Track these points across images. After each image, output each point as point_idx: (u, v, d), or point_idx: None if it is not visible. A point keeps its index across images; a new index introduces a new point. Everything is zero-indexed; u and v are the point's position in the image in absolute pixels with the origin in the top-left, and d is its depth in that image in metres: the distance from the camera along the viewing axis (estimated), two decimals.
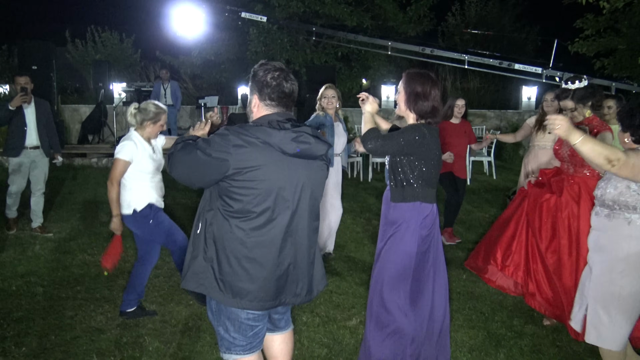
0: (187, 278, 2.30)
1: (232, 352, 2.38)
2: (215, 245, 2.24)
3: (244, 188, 2.16)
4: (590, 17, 10.44)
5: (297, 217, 2.29)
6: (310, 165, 2.31)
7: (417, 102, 2.92)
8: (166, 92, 11.62)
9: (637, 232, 2.79)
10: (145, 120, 3.78)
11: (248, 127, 2.19)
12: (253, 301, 2.24)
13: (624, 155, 2.65)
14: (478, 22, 17.51)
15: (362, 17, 14.36)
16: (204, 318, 4.05)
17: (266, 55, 13.10)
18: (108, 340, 3.68)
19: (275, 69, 2.29)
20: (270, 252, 2.24)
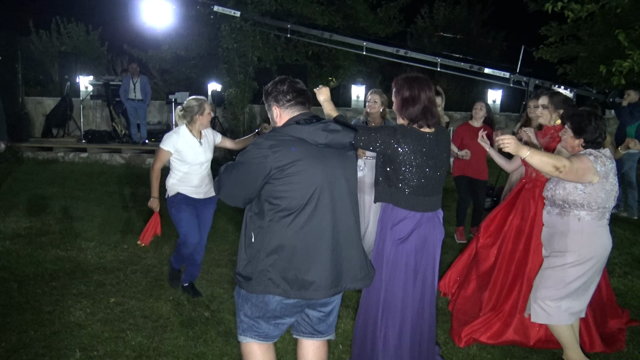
0: (253, 284, 2.41)
1: (246, 335, 2.53)
2: (271, 247, 2.37)
3: (288, 184, 2.33)
4: (555, 25, 10.84)
5: (340, 203, 2.45)
6: (343, 155, 2.51)
7: (407, 108, 2.89)
8: (135, 86, 11.47)
9: (587, 227, 3.11)
10: (194, 115, 4.11)
11: (279, 129, 2.43)
12: (317, 290, 2.38)
13: (569, 162, 2.95)
14: (446, 26, 17.89)
15: (333, 17, 14.47)
16: (185, 313, 4.09)
17: (238, 52, 13.05)
18: (89, 335, 3.68)
19: (280, 79, 2.55)
20: (323, 240, 2.39)
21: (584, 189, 3.04)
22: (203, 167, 4.23)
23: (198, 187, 4.22)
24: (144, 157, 10.96)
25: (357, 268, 2.52)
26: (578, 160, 3.00)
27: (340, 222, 2.46)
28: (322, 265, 2.39)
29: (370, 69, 16.96)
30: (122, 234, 6.14)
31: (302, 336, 2.67)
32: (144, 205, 7.57)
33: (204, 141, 4.24)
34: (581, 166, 2.97)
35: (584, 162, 2.98)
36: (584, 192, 3.05)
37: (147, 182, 9.25)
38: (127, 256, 5.40)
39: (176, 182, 4.18)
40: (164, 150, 4.12)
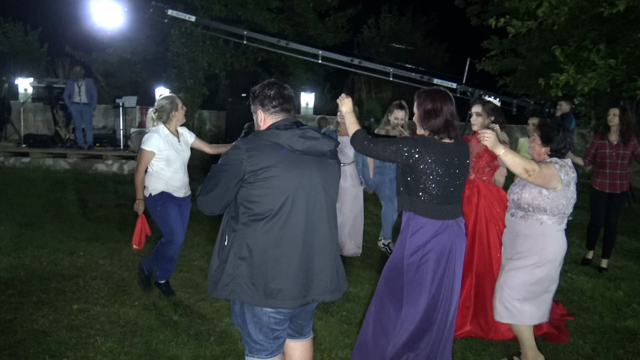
0: (219, 288, 2.40)
1: (253, 355, 2.50)
2: (242, 250, 2.36)
3: (261, 188, 2.32)
4: (496, 40, 11.45)
5: (315, 212, 2.43)
6: (322, 163, 2.48)
7: (429, 120, 2.94)
8: (80, 89, 11.12)
9: (548, 230, 3.34)
10: (169, 112, 4.21)
11: (257, 133, 2.43)
12: (285, 299, 2.36)
13: (539, 167, 3.20)
14: (392, 36, 18.41)
15: (283, 25, 14.64)
16: (153, 318, 4.09)
17: (187, 57, 12.96)
18: (56, 342, 3.62)
19: (269, 82, 2.53)
20: (295, 248, 2.38)
21: (548, 195, 3.28)
22: (183, 166, 4.32)
23: (179, 186, 4.30)
24: (91, 162, 10.67)
25: (328, 280, 2.48)
26: (546, 166, 3.24)
27: (314, 231, 2.43)
28: (291, 274, 2.36)
29: (318, 77, 17.19)
30: (76, 240, 6.00)
31: (288, 338, 2.67)
32: (96, 211, 7.43)
33: (182, 139, 4.33)
34: (549, 172, 3.22)
35: (551, 169, 3.24)
36: (548, 197, 3.28)
37: (96, 188, 9.15)
38: (84, 263, 5.29)
39: (159, 181, 4.21)
40: (147, 150, 4.14)
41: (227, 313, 4.24)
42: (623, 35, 8.28)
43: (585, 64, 8.12)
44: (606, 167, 5.72)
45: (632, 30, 8.00)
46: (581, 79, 7.75)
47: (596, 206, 5.90)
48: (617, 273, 5.81)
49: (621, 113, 5.70)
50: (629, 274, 5.78)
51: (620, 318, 4.55)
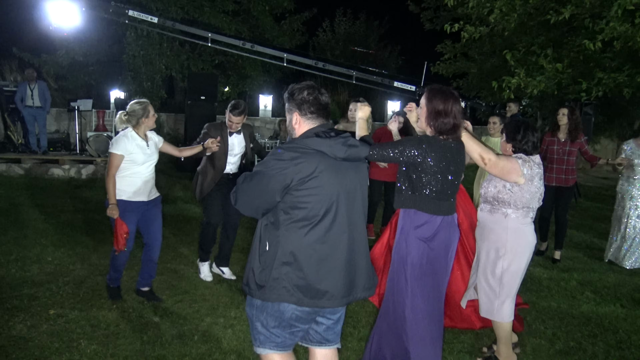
0: (266, 292, 2.42)
1: (265, 347, 2.53)
2: (286, 256, 2.40)
3: (308, 195, 2.36)
4: (449, 44, 11.90)
5: (354, 214, 2.52)
6: (358, 167, 2.58)
7: (438, 119, 2.98)
8: (33, 92, 10.80)
9: (512, 223, 3.50)
10: (140, 118, 4.21)
11: (299, 141, 2.43)
12: (330, 299, 2.43)
13: (495, 157, 3.33)
14: (347, 39, 18.75)
15: (239, 28, 14.66)
16: (134, 320, 4.12)
17: (144, 60, 12.79)
18: (38, 347, 3.61)
19: (308, 86, 2.51)
20: (338, 250, 2.44)
21: (511, 189, 3.46)
22: (150, 169, 4.33)
23: (142, 188, 4.27)
24: (47, 167, 10.38)
25: (367, 277, 2.59)
26: (506, 159, 3.39)
27: (354, 232, 2.51)
28: (337, 276, 2.44)
29: (276, 80, 17.29)
30: (42, 246, 5.90)
31: (311, 345, 2.70)
32: (58, 216, 7.29)
33: (150, 143, 4.33)
34: (507, 165, 3.36)
35: (510, 163, 3.38)
36: (511, 191, 3.46)
37: (55, 193, 8.93)
38: (54, 268, 5.23)
39: (125, 186, 4.20)
40: (117, 154, 4.13)
41: (207, 313, 4.32)
42: (568, 40, 8.81)
43: (534, 67, 8.60)
44: (554, 162, 6.14)
45: (576, 36, 8.52)
46: (531, 82, 8.19)
47: (544, 200, 6.31)
48: (570, 264, 6.21)
49: (570, 113, 6.12)
50: (581, 264, 6.20)
51: (575, 305, 4.91)
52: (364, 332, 4.09)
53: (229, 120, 4.93)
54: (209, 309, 4.40)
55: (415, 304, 3.08)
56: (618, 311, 4.80)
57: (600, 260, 6.39)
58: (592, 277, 5.73)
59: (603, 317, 4.63)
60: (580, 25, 8.20)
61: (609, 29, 7.24)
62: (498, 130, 6.15)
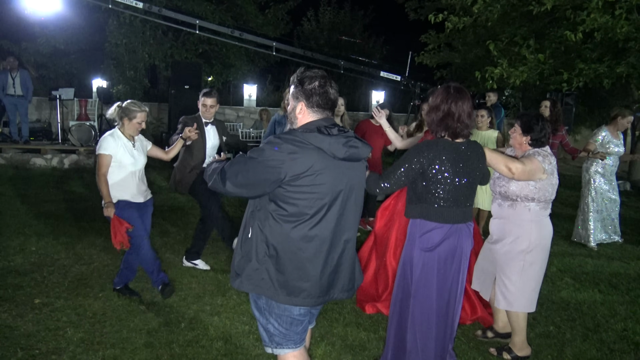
0: (243, 281, 2.40)
1: (284, 347, 2.50)
2: (268, 247, 2.35)
3: (300, 192, 2.28)
4: (433, 34, 11.95)
5: (345, 215, 2.44)
6: (355, 167, 2.46)
7: (447, 123, 2.89)
8: (15, 81, 10.63)
9: (536, 216, 3.47)
10: (123, 117, 4.11)
11: (299, 134, 2.31)
12: (307, 298, 2.39)
13: (521, 164, 3.28)
14: (331, 29, 18.70)
15: (223, 16, 14.55)
16: (120, 308, 4.13)
17: (127, 48, 12.66)
18: (24, 335, 3.61)
19: (320, 76, 2.42)
20: (322, 251, 2.38)
21: (535, 185, 3.40)
22: (140, 171, 4.23)
23: (137, 191, 4.20)
24: (29, 156, 10.27)
25: (347, 280, 2.54)
26: (530, 162, 3.33)
27: (342, 234, 2.45)
28: (316, 275, 2.39)
29: (260, 69, 17.23)
30: (25, 236, 5.85)
31: None
32: (41, 206, 7.23)
33: (137, 145, 4.23)
34: (533, 167, 3.32)
35: (534, 164, 3.33)
36: (535, 187, 3.41)
37: (37, 183, 8.83)
38: (38, 258, 5.20)
39: (115, 190, 4.07)
40: (104, 154, 4.02)
41: (193, 301, 4.35)
42: (550, 31, 8.92)
43: (517, 58, 8.69)
44: None
45: (557, 27, 8.63)
46: (513, 72, 8.29)
47: None
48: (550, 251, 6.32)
49: (552, 105, 6.23)
50: (560, 252, 6.33)
51: (554, 290, 5.02)
52: (349, 318, 4.15)
53: (202, 105, 4.88)
54: (196, 297, 4.43)
55: (419, 311, 3.03)
56: (596, 296, 4.93)
57: (581, 248, 6.53)
58: (571, 264, 5.86)
59: (582, 302, 4.75)
60: (562, 16, 8.31)
61: (590, 20, 7.34)
62: (486, 123, 6.04)
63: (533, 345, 3.84)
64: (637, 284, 5.31)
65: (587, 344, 3.93)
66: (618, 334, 4.12)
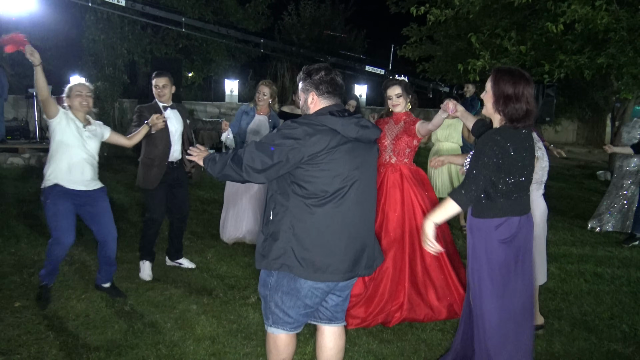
0: (269, 262, 2.49)
1: (278, 326, 2.61)
2: (293, 227, 2.46)
3: (319, 171, 2.41)
4: (415, 27, 11.92)
5: (363, 195, 2.56)
6: (367, 147, 2.60)
7: (508, 105, 2.67)
8: None
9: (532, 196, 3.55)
10: (66, 98, 4.03)
11: (313, 117, 2.47)
12: (334, 273, 2.48)
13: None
14: (312, 23, 18.59)
15: (203, 11, 14.35)
16: (103, 310, 4.04)
17: (105, 44, 12.41)
18: (5, 340, 3.51)
19: (324, 67, 2.60)
20: (346, 227, 2.49)
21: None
22: (85, 155, 3.97)
23: (77, 175, 3.94)
24: (6, 155, 10.04)
25: (370, 256, 2.64)
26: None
27: (362, 210, 2.57)
28: (341, 251, 2.49)
29: (241, 64, 17.06)
30: (3, 238, 5.71)
31: (321, 322, 2.78)
32: (19, 206, 7.06)
33: (90, 129, 4.01)
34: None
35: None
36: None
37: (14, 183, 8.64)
38: (18, 259, 5.08)
39: (55, 171, 3.90)
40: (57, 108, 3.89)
41: (179, 300, 4.27)
42: (531, 23, 8.93)
43: (499, 50, 8.71)
44: None
45: (538, 19, 8.65)
46: (496, 64, 8.30)
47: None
48: None
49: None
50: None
51: None
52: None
53: (155, 87, 4.66)
54: (181, 296, 4.35)
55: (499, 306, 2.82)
56: (582, 286, 4.96)
57: (564, 238, 6.58)
58: (556, 255, 5.90)
59: (568, 292, 4.78)
60: (543, 8, 8.32)
61: (571, 12, 7.37)
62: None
63: None
64: (621, 271, 5.37)
65: (575, 333, 3.94)
66: (605, 323, 4.14)
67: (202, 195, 8.31)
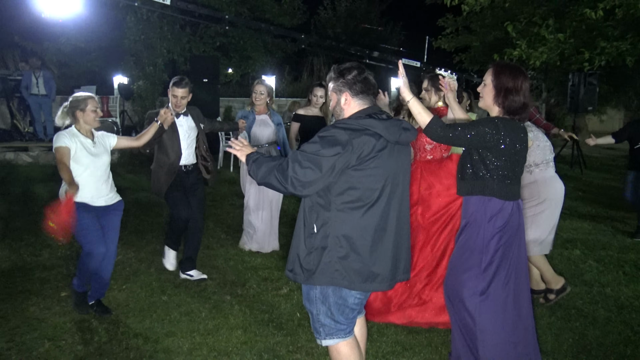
0: (317, 276, 2.42)
1: (334, 337, 2.54)
2: (338, 239, 2.39)
3: (364, 176, 2.36)
4: (450, 17, 11.79)
5: (403, 197, 2.52)
6: (403, 150, 2.54)
7: (508, 97, 2.76)
8: (38, 81, 10.90)
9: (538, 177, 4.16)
10: (75, 112, 3.78)
11: (353, 121, 2.40)
12: (382, 282, 2.45)
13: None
14: (348, 17, 18.58)
15: (239, 8, 14.57)
16: (143, 299, 4.22)
17: (145, 44, 12.79)
18: (52, 327, 3.71)
19: (357, 66, 2.53)
20: (390, 233, 2.45)
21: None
22: (101, 171, 3.84)
23: (97, 193, 3.82)
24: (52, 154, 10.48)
25: (407, 261, 2.60)
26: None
27: (401, 214, 2.51)
28: (387, 258, 2.45)
29: (277, 60, 17.24)
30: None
31: None
32: None
33: (98, 141, 3.88)
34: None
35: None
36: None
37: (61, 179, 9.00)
38: (64, 253, 5.33)
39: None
40: (62, 146, 3.68)
41: (215, 290, 4.42)
42: (570, 10, 8.71)
43: (536, 38, 8.53)
44: None
45: (577, 5, 8.43)
46: (533, 53, 8.15)
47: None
48: (574, 234, 6.26)
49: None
50: (585, 235, 6.25)
51: (577, 273, 4.97)
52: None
53: (172, 95, 4.40)
54: (216, 287, 4.50)
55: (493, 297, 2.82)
56: (621, 278, 4.85)
57: (605, 230, 6.42)
58: (596, 246, 5.78)
59: (605, 285, 4.69)
60: None
61: None
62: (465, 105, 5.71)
63: (553, 329, 3.82)
64: None
65: (610, 326, 3.88)
66: None
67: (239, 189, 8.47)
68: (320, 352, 3.41)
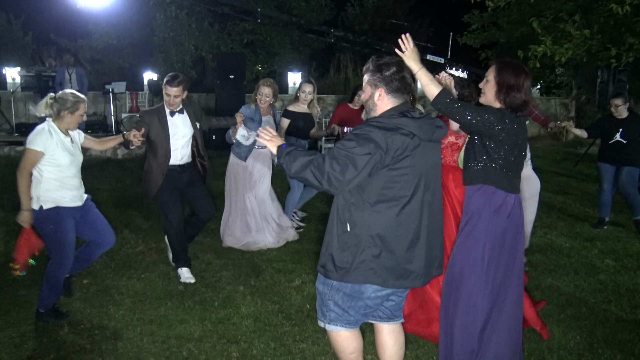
0: (350, 274, 2.41)
1: (337, 324, 2.56)
2: (372, 237, 2.39)
3: (399, 175, 2.36)
4: (476, 13, 11.67)
5: (434, 193, 2.51)
6: (434, 147, 2.54)
7: (510, 94, 2.80)
8: (71, 77, 11.28)
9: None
10: (62, 110, 3.56)
11: (386, 119, 2.38)
12: (415, 280, 2.45)
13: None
14: (375, 12, 18.55)
15: (267, 5, 14.72)
16: (159, 288, 4.38)
17: (174, 42, 13.07)
18: (71, 312, 3.90)
19: (395, 62, 2.50)
20: (421, 230, 2.44)
21: None
22: (78, 170, 3.77)
23: (75, 195, 3.71)
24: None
25: (440, 256, 2.60)
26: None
27: (435, 212, 2.51)
28: (421, 255, 2.44)
29: (304, 57, 17.34)
30: None
31: (379, 321, 2.73)
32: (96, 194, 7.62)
33: (75, 139, 3.77)
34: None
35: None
36: None
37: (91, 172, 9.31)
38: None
39: (51, 191, 3.57)
40: (35, 150, 3.46)
41: (228, 282, 4.55)
42: (597, 6, 8.55)
43: (562, 35, 8.40)
44: None
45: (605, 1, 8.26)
46: (558, 49, 8.03)
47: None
48: (594, 233, 6.18)
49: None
50: (605, 234, 6.16)
51: (593, 272, 4.92)
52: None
53: (166, 94, 4.30)
54: (231, 278, 4.63)
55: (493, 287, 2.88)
56: (637, 278, 4.79)
57: (625, 229, 6.32)
58: (615, 246, 5.70)
59: (620, 285, 4.63)
60: None
61: None
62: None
63: (562, 326, 3.81)
64: None
65: (620, 325, 3.85)
66: None
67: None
68: (326, 342, 3.49)
